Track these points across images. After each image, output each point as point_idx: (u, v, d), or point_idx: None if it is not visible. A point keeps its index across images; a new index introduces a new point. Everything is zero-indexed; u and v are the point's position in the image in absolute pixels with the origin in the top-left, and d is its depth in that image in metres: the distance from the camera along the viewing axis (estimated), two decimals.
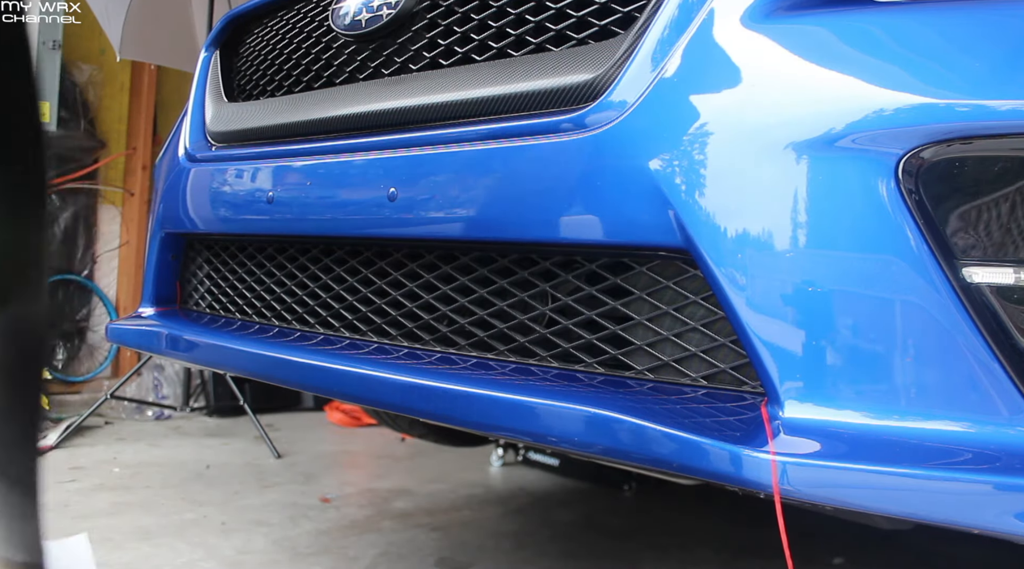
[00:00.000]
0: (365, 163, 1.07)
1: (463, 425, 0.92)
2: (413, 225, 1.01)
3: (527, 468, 2.62)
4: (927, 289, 0.68)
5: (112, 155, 3.88)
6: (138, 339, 1.42)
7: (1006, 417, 0.67)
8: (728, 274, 0.75)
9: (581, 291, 0.91)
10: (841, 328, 0.71)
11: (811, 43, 0.75)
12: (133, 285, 3.89)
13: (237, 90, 1.46)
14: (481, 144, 0.94)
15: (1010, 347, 0.67)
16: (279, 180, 1.19)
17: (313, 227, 1.14)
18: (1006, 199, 0.68)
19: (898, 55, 0.72)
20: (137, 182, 3.95)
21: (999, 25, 0.70)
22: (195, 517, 1.89)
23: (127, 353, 3.86)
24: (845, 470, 0.69)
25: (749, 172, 0.75)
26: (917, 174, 0.69)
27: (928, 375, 0.69)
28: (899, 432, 0.67)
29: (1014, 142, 0.67)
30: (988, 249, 0.68)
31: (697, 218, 0.77)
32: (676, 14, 0.83)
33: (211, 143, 1.40)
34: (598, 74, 0.87)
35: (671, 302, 0.84)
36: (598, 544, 1.89)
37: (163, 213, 1.45)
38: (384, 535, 1.83)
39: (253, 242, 1.33)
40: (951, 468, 0.68)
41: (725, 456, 0.73)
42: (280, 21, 1.38)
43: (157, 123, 4.06)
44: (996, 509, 0.67)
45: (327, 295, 1.19)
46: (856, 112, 0.71)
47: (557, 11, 0.96)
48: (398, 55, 1.14)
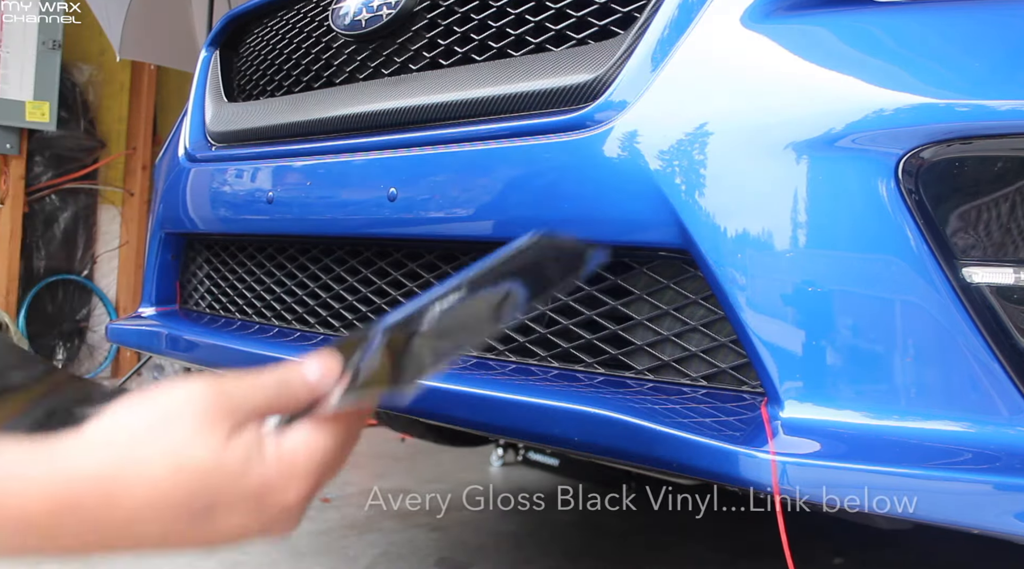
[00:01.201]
0: (365, 163, 1.07)
1: (463, 425, 0.92)
2: (413, 225, 1.01)
3: (527, 468, 2.62)
4: (927, 289, 0.68)
5: (112, 155, 3.88)
6: (138, 339, 1.42)
7: (1006, 417, 0.67)
8: (728, 274, 0.75)
9: (581, 291, 0.91)
10: (841, 328, 0.71)
11: (811, 43, 0.75)
12: (133, 285, 3.88)
13: (237, 90, 1.46)
14: (481, 144, 0.94)
15: (1010, 347, 0.67)
16: (279, 180, 1.19)
17: (313, 227, 1.14)
18: (1006, 199, 0.68)
19: (898, 55, 0.72)
20: (137, 182, 3.95)
21: (999, 25, 0.70)
22: None
23: (127, 353, 3.85)
24: (845, 470, 0.69)
25: (749, 172, 0.75)
26: (917, 174, 0.69)
27: (928, 375, 0.69)
28: (899, 432, 0.67)
29: (1014, 142, 0.67)
30: (988, 249, 0.68)
31: (697, 218, 0.77)
32: (676, 14, 0.83)
33: (211, 143, 1.40)
34: (598, 74, 0.87)
35: (671, 302, 0.84)
36: (598, 544, 1.89)
37: (163, 213, 1.45)
38: (384, 535, 1.83)
39: (253, 242, 1.33)
40: (951, 468, 0.68)
41: (725, 456, 0.73)
42: (280, 21, 1.38)
43: (157, 123, 4.06)
44: (996, 509, 0.67)
45: (327, 295, 1.19)
46: (856, 112, 0.71)
47: (557, 11, 0.96)
48: (398, 55, 1.14)
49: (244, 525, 0.49)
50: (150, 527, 0.47)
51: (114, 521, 0.46)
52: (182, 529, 0.47)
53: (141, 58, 3.81)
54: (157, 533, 0.47)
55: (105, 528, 0.46)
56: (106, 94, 3.88)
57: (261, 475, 0.49)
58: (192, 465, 0.47)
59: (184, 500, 0.47)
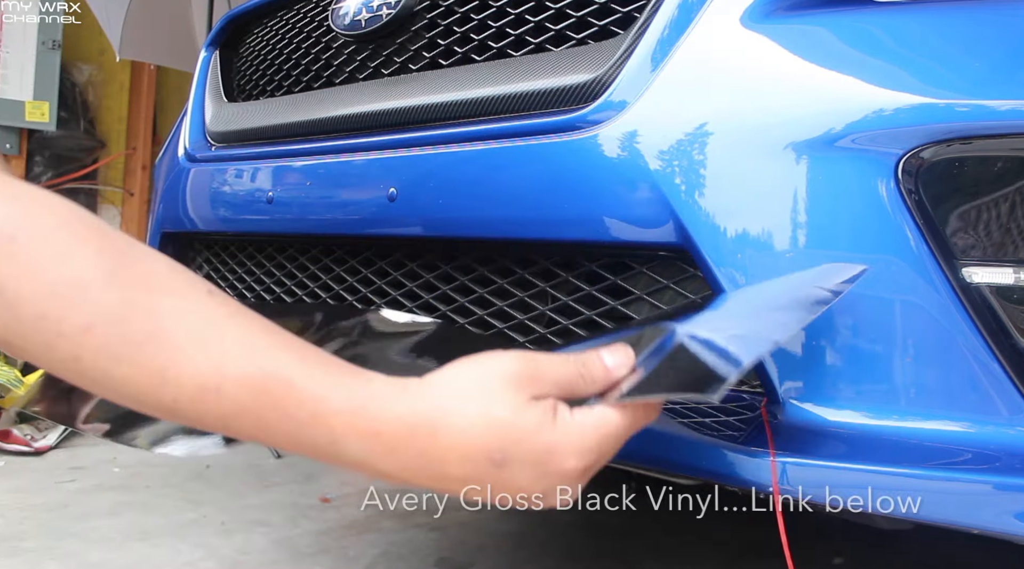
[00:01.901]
0: (365, 163, 1.07)
1: None
2: (413, 225, 1.01)
3: None
4: (927, 289, 0.68)
5: (112, 155, 3.88)
6: None
7: (1006, 417, 0.67)
8: (728, 274, 0.75)
9: (581, 291, 0.91)
10: (841, 328, 0.71)
11: (811, 43, 0.75)
12: None
13: (237, 90, 1.46)
14: (481, 144, 0.94)
15: (1010, 347, 0.67)
16: (279, 180, 1.19)
17: (313, 227, 1.14)
18: (1006, 199, 0.68)
19: (898, 55, 0.72)
20: (137, 182, 3.95)
21: (999, 25, 0.70)
22: (195, 517, 1.89)
23: None
24: (845, 470, 0.69)
25: (748, 172, 0.75)
26: (917, 174, 0.69)
27: (928, 375, 0.69)
28: (899, 432, 0.67)
29: (1014, 142, 0.67)
30: (988, 249, 0.68)
31: (697, 218, 0.77)
32: (675, 14, 0.83)
33: (211, 143, 1.40)
34: (598, 74, 0.87)
35: (670, 302, 0.84)
36: (598, 544, 1.89)
37: (163, 213, 1.45)
38: (384, 535, 1.83)
39: (253, 242, 1.33)
40: (951, 468, 0.68)
41: (725, 456, 0.73)
42: (280, 21, 1.38)
43: (157, 123, 4.07)
44: (996, 509, 0.67)
45: (327, 295, 1.19)
46: (856, 112, 0.71)
47: (557, 11, 0.96)
48: (398, 55, 1.14)
49: (527, 484, 0.57)
50: (456, 467, 0.57)
51: (433, 455, 0.56)
52: (480, 473, 0.57)
53: (141, 58, 3.81)
54: (460, 474, 0.57)
55: (424, 461, 0.57)
56: (106, 94, 3.88)
57: (549, 438, 0.56)
58: (496, 418, 0.56)
59: (485, 447, 0.56)
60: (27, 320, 0.52)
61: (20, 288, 0.52)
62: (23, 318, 0.52)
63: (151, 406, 0.56)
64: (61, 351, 0.53)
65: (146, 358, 0.54)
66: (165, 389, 0.54)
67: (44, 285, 0.52)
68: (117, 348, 0.53)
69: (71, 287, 0.52)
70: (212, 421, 0.56)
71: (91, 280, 0.53)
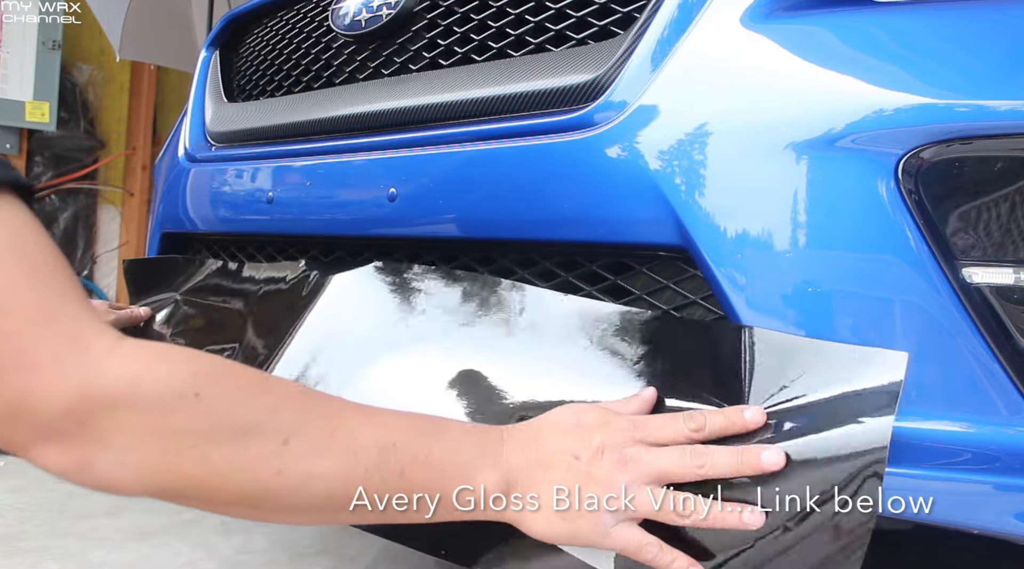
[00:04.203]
0: (365, 163, 1.07)
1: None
2: (413, 225, 1.01)
3: None
4: (927, 289, 0.68)
5: (112, 155, 3.88)
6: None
7: (1006, 417, 0.67)
8: (727, 274, 0.75)
9: (581, 291, 0.91)
10: (841, 328, 0.71)
11: (811, 43, 0.75)
12: None
13: (237, 90, 1.46)
14: (481, 144, 0.94)
15: (1010, 347, 0.67)
16: (279, 180, 1.19)
17: (313, 227, 1.14)
18: (1006, 199, 0.68)
19: (898, 55, 0.72)
20: (137, 182, 3.95)
21: (999, 25, 0.70)
22: (195, 517, 1.89)
23: None
24: None
25: (749, 172, 0.75)
26: (917, 174, 0.69)
27: (927, 375, 0.69)
28: (898, 432, 0.67)
29: (1014, 142, 0.67)
30: (988, 249, 0.68)
31: (696, 218, 0.77)
32: (676, 14, 0.83)
33: (211, 143, 1.40)
34: (598, 74, 0.87)
35: (670, 302, 0.84)
36: None
37: (163, 213, 1.45)
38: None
39: (253, 242, 1.33)
40: (950, 468, 0.68)
41: None
42: (280, 21, 1.38)
43: (157, 123, 4.07)
44: (996, 509, 0.67)
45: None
46: (856, 112, 0.71)
47: (557, 11, 0.96)
48: (398, 55, 1.14)
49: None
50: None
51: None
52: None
53: (141, 58, 3.81)
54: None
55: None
56: (106, 94, 3.88)
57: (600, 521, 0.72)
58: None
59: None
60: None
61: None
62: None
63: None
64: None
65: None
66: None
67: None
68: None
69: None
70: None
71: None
